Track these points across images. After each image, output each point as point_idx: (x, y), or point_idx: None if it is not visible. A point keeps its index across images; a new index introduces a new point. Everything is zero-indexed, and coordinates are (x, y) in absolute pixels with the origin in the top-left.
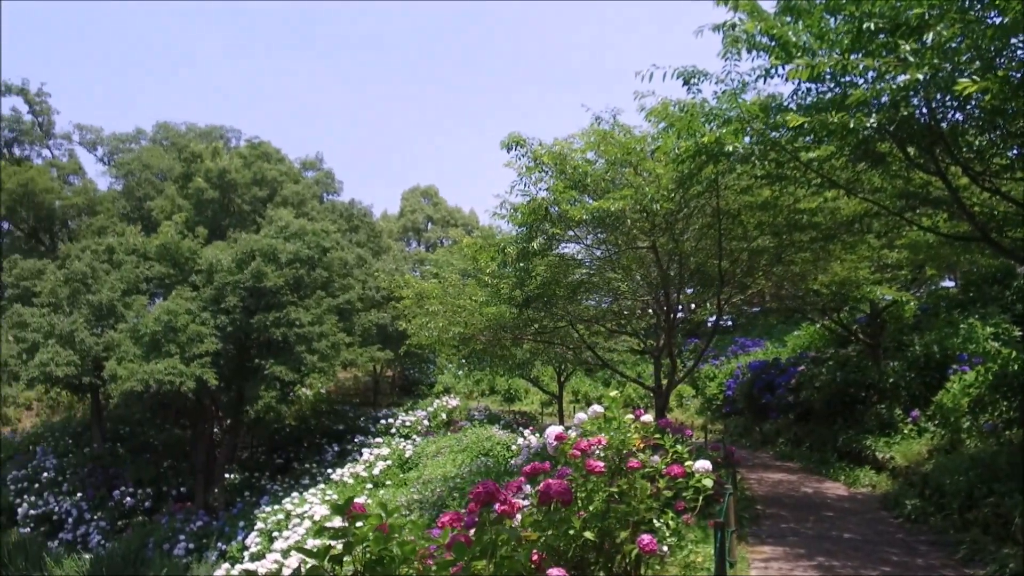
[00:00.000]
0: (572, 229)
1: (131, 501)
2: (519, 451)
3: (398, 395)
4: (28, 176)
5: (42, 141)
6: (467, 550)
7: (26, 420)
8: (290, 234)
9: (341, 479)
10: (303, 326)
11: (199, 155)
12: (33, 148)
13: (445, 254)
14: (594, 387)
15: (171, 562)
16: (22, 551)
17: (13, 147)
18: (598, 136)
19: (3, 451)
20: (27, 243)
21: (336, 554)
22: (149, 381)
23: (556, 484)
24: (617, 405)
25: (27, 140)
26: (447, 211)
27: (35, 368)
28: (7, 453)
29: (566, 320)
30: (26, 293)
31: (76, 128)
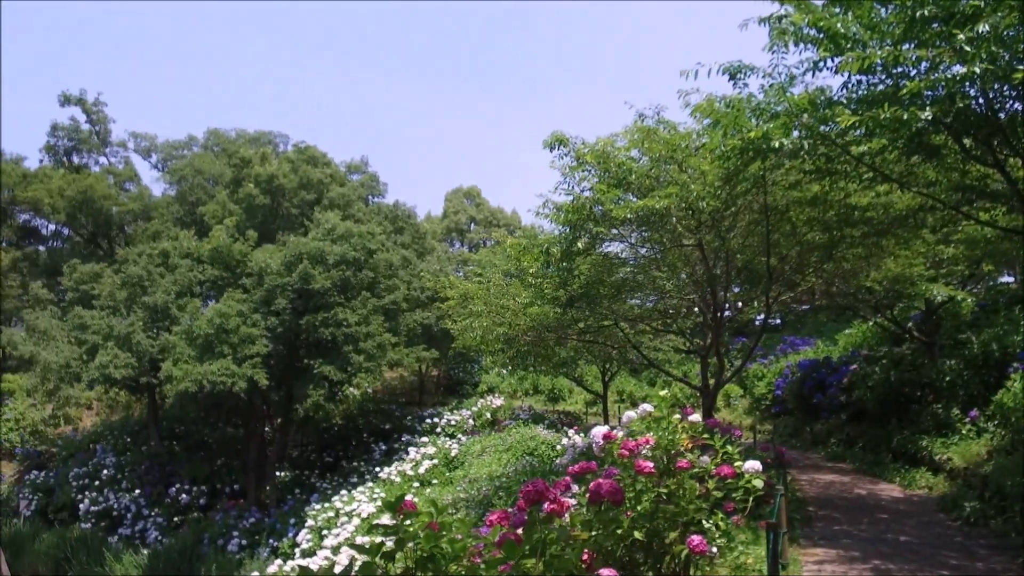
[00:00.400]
0: (616, 228)
1: (186, 498)
2: (564, 451)
3: (443, 394)
4: (87, 183)
5: (99, 149)
6: (517, 548)
7: (87, 419)
8: (337, 236)
9: (388, 477)
10: (350, 326)
11: (249, 160)
12: (91, 156)
13: (488, 254)
14: (639, 387)
15: (225, 558)
16: (84, 546)
17: (72, 155)
18: (642, 133)
19: (66, 449)
20: (86, 248)
21: (388, 551)
22: (203, 381)
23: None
24: (665, 404)
25: (85, 148)
26: (489, 212)
27: (95, 370)
28: (69, 451)
29: (610, 319)
30: (85, 296)
31: (131, 136)
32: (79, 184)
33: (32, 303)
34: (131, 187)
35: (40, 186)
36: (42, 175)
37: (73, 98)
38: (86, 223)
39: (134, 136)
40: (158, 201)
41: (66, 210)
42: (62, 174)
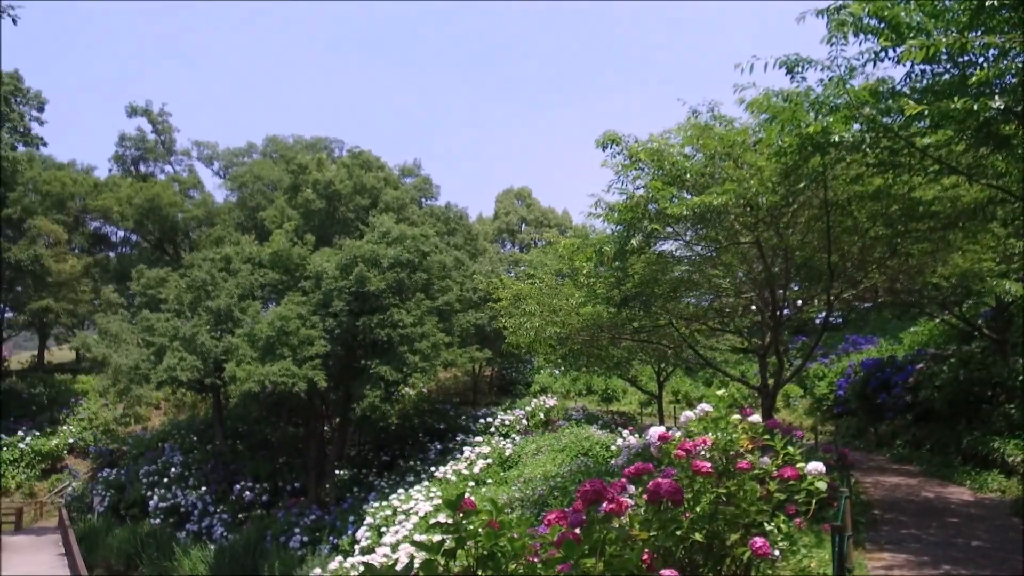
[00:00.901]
0: (671, 226)
1: (250, 495)
2: (619, 451)
3: (496, 394)
4: (154, 191)
5: (164, 158)
6: (577, 548)
7: (155, 419)
8: (391, 239)
9: (444, 476)
10: (405, 327)
11: (306, 167)
12: (157, 164)
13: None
14: (695, 387)
15: (287, 554)
16: (154, 541)
17: (139, 164)
18: (696, 130)
19: (136, 448)
20: (153, 253)
21: (449, 548)
22: (265, 382)
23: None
24: (723, 404)
25: (151, 157)
26: (540, 212)
27: (163, 371)
28: (139, 449)
29: (665, 319)
30: (153, 300)
31: (194, 144)
32: (146, 192)
33: (104, 307)
34: (195, 194)
35: (110, 195)
36: (112, 184)
37: (140, 109)
38: (153, 229)
39: (197, 144)
40: (220, 207)
41: (134, 217)
42: (130, 183)
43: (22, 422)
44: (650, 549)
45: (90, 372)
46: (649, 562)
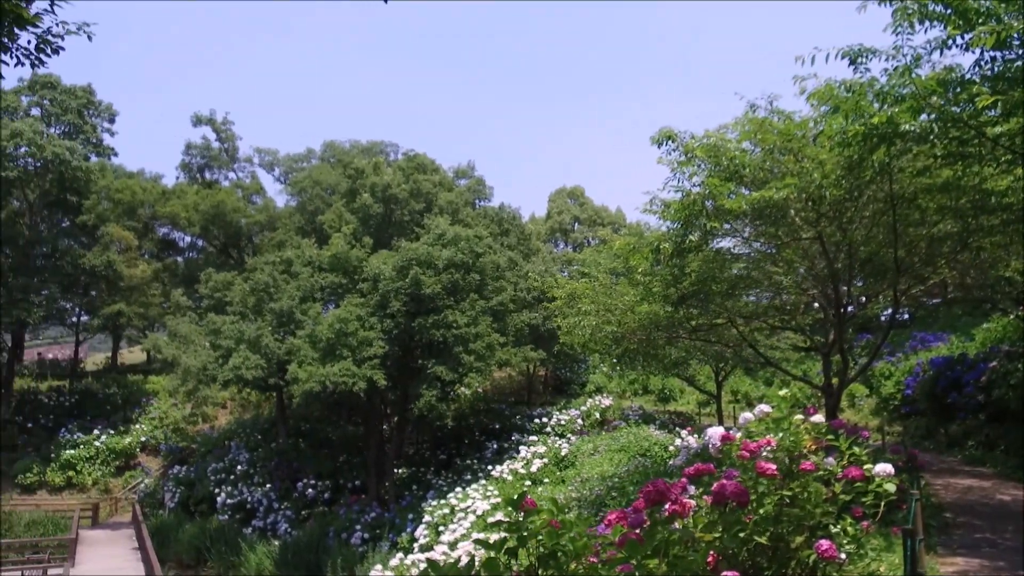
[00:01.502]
0: (729, 222)
1: (312, 493)
2: (677, 452)
3: (551, 394)
4: (218, 198)
5: (228, 165)
6: (639, 548)
7: (222, 417)
8: (446, 241)
9: (500, 476)
10: (459, 328)
11: (363, 171)
12: (221, 172)
13: (593, 254)
14: (755, 387)
15: (349, 551)
16: (221, 536)
17: (204, 172)
18: (754, 124)
19: (204, 446)
20: (218, 258)
21: (511, 547)
22: (325, 382)
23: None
24: (785, 405)
25: (215, 165)
26: (593, 211)
27: (229, 371)
28: (207, 447)
29: (724, 317)
30: (219, 303)
31: (256, 151)
32: (211, 199)
33: (173, 310)
34: (257, 200)
35: (177, 202)
36: (179, 191)
37: (204, 118)
38: (218, 234)
39: (259, 151)
40: (281, 212)
41: (200, 223)
42: (196, 190)
43: (98, 421)
44: (714, 551)
45: (160, 373)
46: (714, 564)
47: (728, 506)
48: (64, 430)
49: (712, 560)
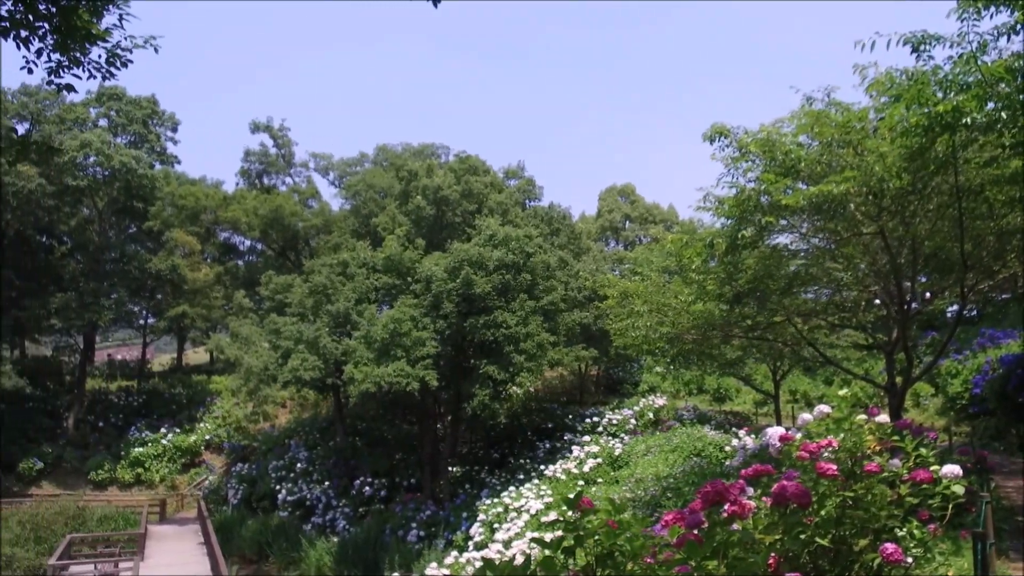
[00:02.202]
0: (786, 218)
1: (369, 490)
2: (734, 452)
3: (603, 393)
4: (276, 203)
5: (285, 170)
6: (699, 549)
7: (282, 416)
8: (497, 242)
9: (554, 475)
10: (510, 328)
11: (416, 173)
12: (278, 177)
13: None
14: (814, 386)
15: (405, 547)
16: (282, 532)
17: (262, 177)
18: (811, 117)
19: (265, 444)
20: (277, 260)
21: (568, 546)
22: (381, 382)
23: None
24: (846, 404)
25: (273, 170)
26: (645, 208)
27: (288, 372)
28: (268, 446)
29: (781, 315)
30: (279, 305)
31: (311, 156)
32: (270, 203)
33: (235, 311)
34: (313, 204)
35: (237, 207)
36: (239, 197)
37: (262, 125)
38: (277, 238)
39: (314, 156)
40: (336, 215)
41: (260, 227)
42: (255, 195)
43: (164, 420)
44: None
45: (223, 373)
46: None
47: (789, 507)
48: (133, 429)
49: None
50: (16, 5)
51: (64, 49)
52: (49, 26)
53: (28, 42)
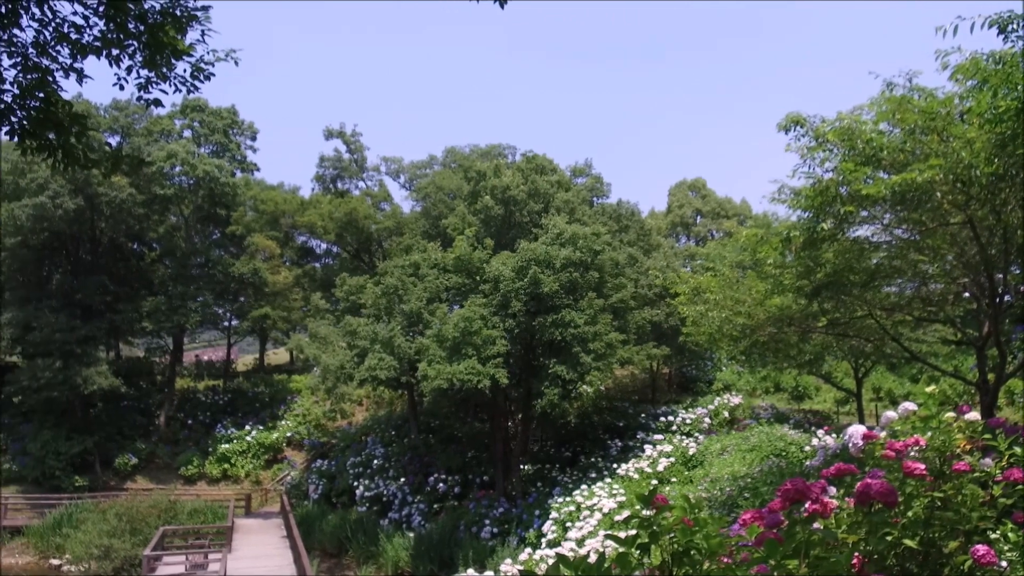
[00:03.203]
0: (866, 209)
1: (443, 487)
2: (814, 452)
3: (676, 392)
4: (351, 207)
5: (357, 175)
6: (779, 548)
7: (359, 414)
8: (564, 240)
9: (626, 474)
10: (578, 327)
11: (484, 174)
12: (351, 181)
13: (717, 247)
14: (899, 383)
15: (479, 544)
16: (360, 527)
17: (336, 182)
18: (892, 104)
19: (343, 441)
20: (352, 263)
21: (643, 543)
22: (452, 380)
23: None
24: (934, 402)
25: (346, 175)
26: (716, 202)
27: (364, 371)
28: (346, 442)
29: (863, 309)
30: (354, 306)
31: (383, 160)
32: (344, 207)
33: (313, 313)
34: (385, 206)
35: (313, 211)
36: (315, 201)
37: (335, 132)
38: (351, 241)
39: (385, 160)
40: (407, 217)
41: (335, 230)
42: (329, 199)
43: (248, 418)
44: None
45: (303, 372)
46: (859, 567)
47: (873, 506)
48: (219, 426)
49: (857, 563)
50: (108, 25)
51: (152, 65)
52: (138, 44)
53: (119, 60)
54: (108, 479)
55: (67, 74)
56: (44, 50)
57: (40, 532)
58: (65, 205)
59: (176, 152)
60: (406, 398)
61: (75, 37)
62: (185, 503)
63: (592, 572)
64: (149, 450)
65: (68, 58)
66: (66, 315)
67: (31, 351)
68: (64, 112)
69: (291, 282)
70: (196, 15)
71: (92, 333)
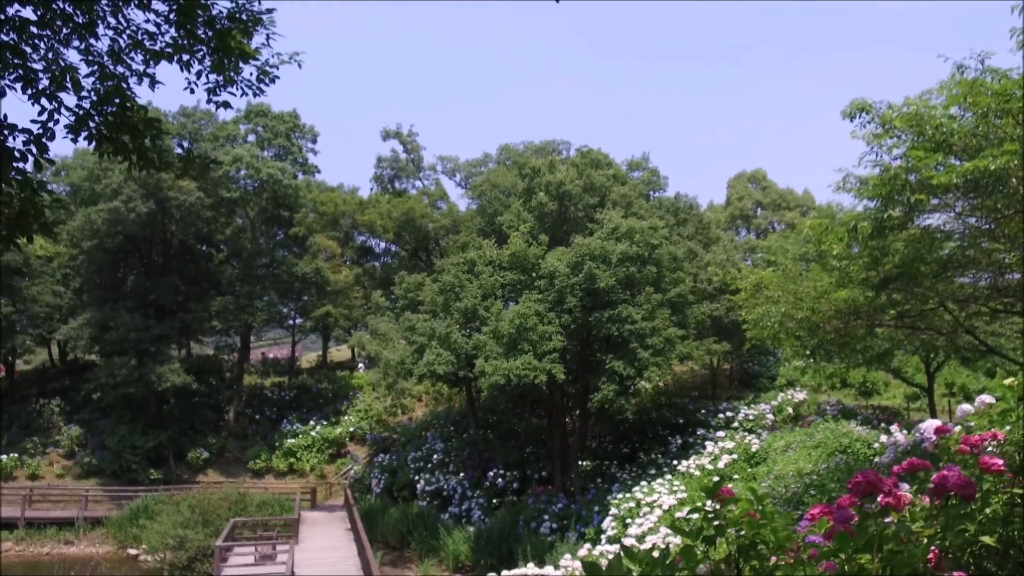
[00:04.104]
0: (937, 196)
1: (502, 482)
2: (883, 449)
3: (737, 388)
4: (408, 206)
5: (414, 174)
6: (850, 542)
7: (418, 410)
8: (620, 235)
9: (687, 471)
10: (635, 322)
11: (538, 170)
12: (408, 181)
13: (779, 239)
14: (974, 378)
15: (538, 539)
16: (421, 521)
17: (394, 182)
18: (963, 87)
19: (404, 436)
20: (410, 261)
21: (708, 535)
22: (510, 375)
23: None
24: (1013, 395)
25: (403, 175)
26: (777, 194)
27: (423, 366)
28: (407, 437)
29: (934, 301)
30: (412, 303)
31: (439, 159)
32: (401, 206)
33: (374, 310)
34: (442, 205)
35: (372, 211)
36: (373, 201)
37: (392, 132)
38: (409, 239)
39: (441, 159)
40: (463, 216)
41: (393, 229)
42: (387, 199)
43: (313, 413)
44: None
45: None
46: (935, 562)
47: (949, 500)
48: (285, 421)
49: (933, 557)
50: (178, 31)
51: (220, 69)
52: (207, 49)
53: (189, 65)
54: (181, 472)
55: (140, 80)
56: (119, 58)
57: (118, 523)
58: (138, 209)
59: (241, 156)
60: (464, 394)
61: (148, 44)
62: (254, 496)
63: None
64: (219, 444)
65: (141, 64)
66: (140, 315)
67: (108, 350)
68: (139, 117)
69: (352, 281)
70: (261, 18)
71: (165, 332)
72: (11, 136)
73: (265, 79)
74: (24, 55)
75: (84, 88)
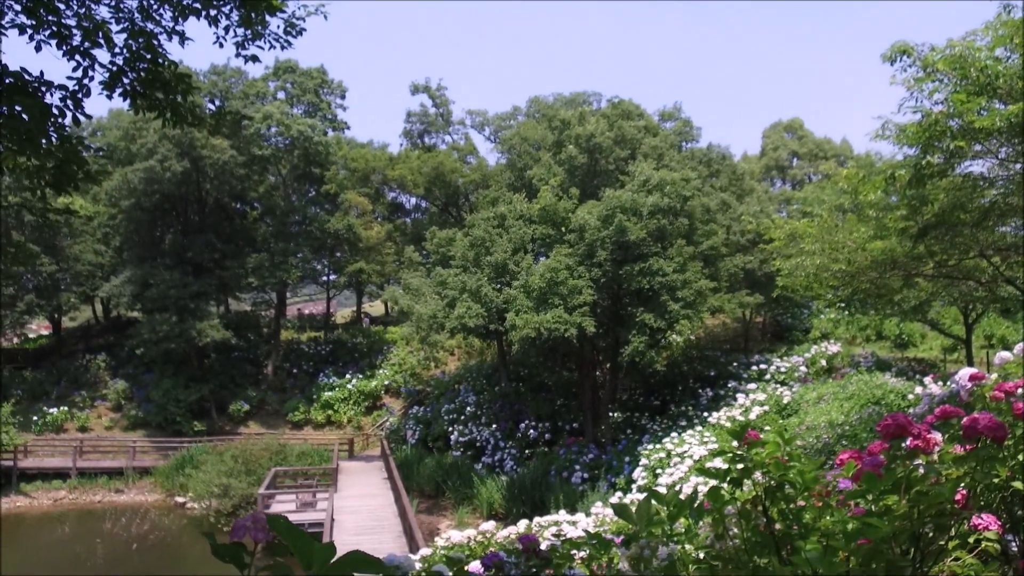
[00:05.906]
0: (980, 142)
1: (534, 433)
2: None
3: (770, 341)
4: (438, 161)
5: (444, 129)
6: (878, 482)
7: (451, 363)
8: (651, 187)
9: (717, 422)
10: (666, 275)
11: (568, 122)
12: (438, 136)
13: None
14: (1014, 329)
15: (569, 488)
16: (455, 470)
17: (423, 137)
18: (1010, 27)
19: (437, 388)
20: (440, 216)
21: (735, 477)
22: (540, 328)
23: (984, 418)
24: None
25: (433, 129)
26: (814, 144)
27: (455, 320)
28: (440, 390)
29: (975, 251)
30: (444, 258)
31: (468, 114)
32: (431, 161)
33: (406, 265)
34: (471, 159)
35: (403, 166)
36: (403, 157)
37: (421, 87)
38: (439, 195)
39: (470, 114)
40: (493, 170)
41: (423, 185)
42: (417, 154)
43: (348, 367)
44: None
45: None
46: (963, 502)
47: (981, 442)
48: (322, 375)
49: (961, 498)
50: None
51: (248, 23)
52: (234, 2)
53: (216, 20)
54: (223, 424)
55: (170, 36)
56: (148, 14)
57: (165, 472)
58: (173, 168)
59: (271, 113)
60: (496, 348)
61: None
62: (293, 446)
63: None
64: (259, 397)
65: (171, 21)
66: (179, 272)
67: (149, 306)
68: (170, 72)
69: (383, 237)
70: None
71: (203, 289)
72: (49, 92)
73: (292, 31)
74: (58, 11)
75: (116, 45)
